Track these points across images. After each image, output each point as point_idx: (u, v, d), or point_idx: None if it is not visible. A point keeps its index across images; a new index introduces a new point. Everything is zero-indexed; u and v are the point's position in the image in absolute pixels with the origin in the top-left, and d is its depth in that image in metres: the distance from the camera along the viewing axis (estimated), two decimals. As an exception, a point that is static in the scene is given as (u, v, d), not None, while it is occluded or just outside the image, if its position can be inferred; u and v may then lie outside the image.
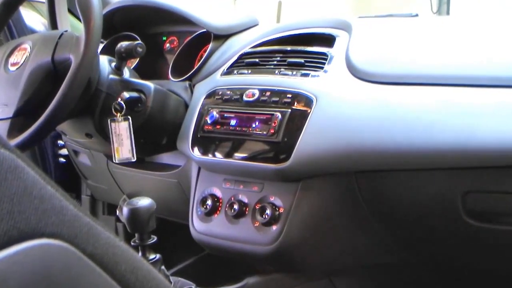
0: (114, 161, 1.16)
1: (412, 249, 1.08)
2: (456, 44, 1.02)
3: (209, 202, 1.12)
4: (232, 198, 1.10)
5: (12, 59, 1.16)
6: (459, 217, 0.92)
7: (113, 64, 1.17)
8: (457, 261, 1.07)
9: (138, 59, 1.39)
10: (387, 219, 1.03)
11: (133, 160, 1.14)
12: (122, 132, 1.13)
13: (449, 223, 0.94)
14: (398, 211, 1.00)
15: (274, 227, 1.04)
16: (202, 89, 1.21)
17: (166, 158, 1.36)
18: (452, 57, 0.98)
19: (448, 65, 0.96)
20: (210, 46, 1.28)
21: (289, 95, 1.05)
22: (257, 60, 1.18)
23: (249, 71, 1.16)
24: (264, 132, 1.04)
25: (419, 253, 1.08)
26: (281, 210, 1.03)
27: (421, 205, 0.96)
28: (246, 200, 1.08)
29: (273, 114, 1.04)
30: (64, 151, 1.73)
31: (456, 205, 0.91)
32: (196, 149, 1.13)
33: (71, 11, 1.55)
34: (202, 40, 1.32)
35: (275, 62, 1.15)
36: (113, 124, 1.13)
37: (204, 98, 1.17)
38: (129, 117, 1.13)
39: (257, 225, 1.05)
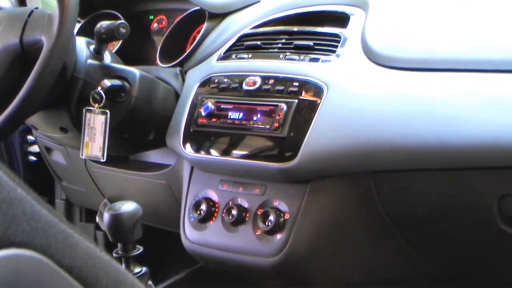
0: (81, 155, 1.16)
1: (437, 261, 1.08)
2: (492, 23, 1.02)
3: (203, 207, 1.12)
4: (230, 202, 1.10)
5: (-26, 41, 1.16)
6: (494, 224, 0.92)
7: (92, 47, 1.17)
8: (489, 274, 1.07)
9: (121, 41, 1.39)
10: (409, 226, 1.03)
11: (102, 161, 1.15)
12: (96, 126, 1.14)
13: (482, 231, 0.94)
14: (422, 217, 1.00)
15: (279, 236, 1.04)
16: (195, 76, 1.21)
17: (153, 156, 1.36)
18: (488, 38, 0.98)
19: (482, 47, 0.96)
20: (205, 26, 1.28)
21: (296, 83, 1.05)
22: (259, 42, 1.17)
23: (250, 56, 1.16)
24: (267, 126, 1.04)
25: (445, 265, 1.08)
26: (287, 216, 1.03)
27: (449, 211, 0.96)
28: (246, 205, 1.08)
29: (277, 105, 1.04)
30: (34, 148, 1.73)
31: (491, 210, 0.91)
32: (188, 145, 1.13)
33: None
34: (195, 20, 1.32)
35: (279, 45, 1.15)
36: (88, 114, 1.14)
37: (198, 87, 1.17)
38: (108, 111, 1.13)
39: (258, 233, 1.06)
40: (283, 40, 1.16)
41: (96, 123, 1.14)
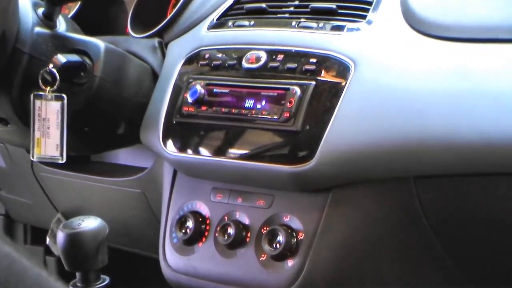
0: (31, 157, 1.16)
1: (488, 280, 1.09)
2: None
3: (190, 223, 1.12)
4: (226, 218, 1.10)
5: None
6: None
7: (41, 10, 1.17)
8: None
9: (79, 3, 1.39)
10: (462, 247, 1.04)
11: (61, 162, 1.15)
12: (50, 116, 1.14)
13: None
14: (480, 236, 1.01)
15: (290, 262, 1.04)
16: (179, 50, 1.21)
17: (123, 156, 1.38)
18: None
19: None
20: (191, -17, 1.28)
21: (313, 60, 1.05)
22: (263, 5, 1.18)
23: (252, 23, 1.16)
24: (275, 117, 1.04)
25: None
26: (301, 236, 1.04)
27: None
28: (246, 221, 1.09)
29: (288, 89, 1.04)
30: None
31: None
32: (170, 142, 1.14)
33: None
34: (178, -25, 1.32)
35: (291, 9, 1.15)
36: (37, 101, 1.14)
37: (182, 64, 1.17)
38: (64, 95, 1.13)
39: (263, 258, 1.06)
40: (296, 2, 1.16)
41: (49, 112, 1.13)
